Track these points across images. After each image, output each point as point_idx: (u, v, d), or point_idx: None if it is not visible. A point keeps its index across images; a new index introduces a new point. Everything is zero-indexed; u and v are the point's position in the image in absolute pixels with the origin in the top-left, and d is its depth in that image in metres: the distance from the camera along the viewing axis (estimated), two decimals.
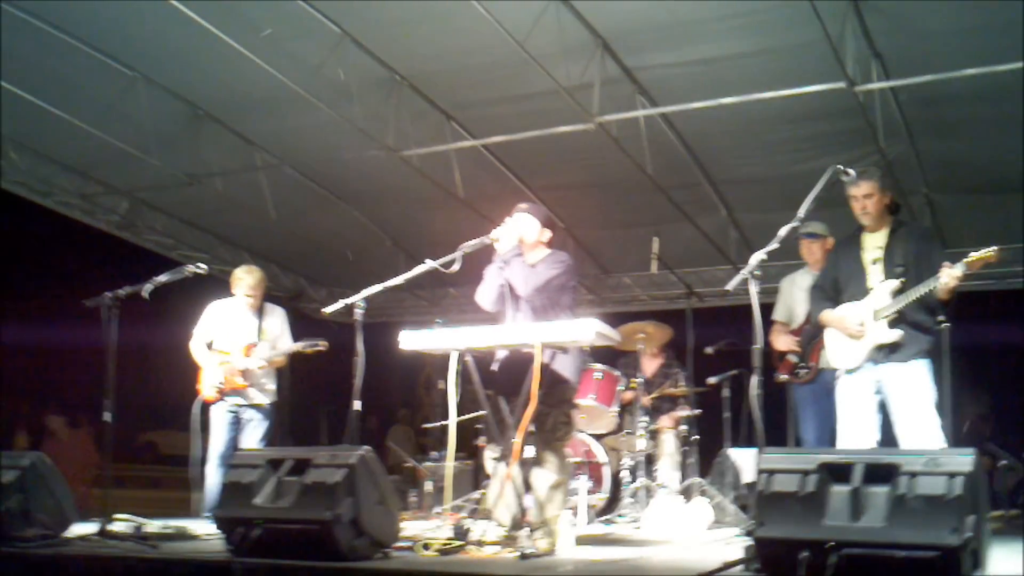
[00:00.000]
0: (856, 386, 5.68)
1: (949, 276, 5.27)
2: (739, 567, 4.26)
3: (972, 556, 3.68)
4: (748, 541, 4.14)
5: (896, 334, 5.51)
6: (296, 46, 7.37)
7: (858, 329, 5.61)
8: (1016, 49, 6.47)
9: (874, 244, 5.71)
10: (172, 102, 8.29)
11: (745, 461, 8.11)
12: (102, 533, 5.77)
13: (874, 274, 5.65)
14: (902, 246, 5.61)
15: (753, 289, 4.73)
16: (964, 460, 3.83)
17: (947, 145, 8.13)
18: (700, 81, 7.39)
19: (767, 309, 4.95)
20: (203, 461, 7.41)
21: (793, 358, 7.16)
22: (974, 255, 5.25)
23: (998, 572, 4.04)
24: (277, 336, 7.61)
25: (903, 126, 7.77)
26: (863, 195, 5.66)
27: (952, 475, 3.75)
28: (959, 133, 7.95)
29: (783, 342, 7.30)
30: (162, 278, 6.48)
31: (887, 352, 5.56)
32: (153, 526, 6.20)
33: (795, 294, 7.30)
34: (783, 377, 7.28)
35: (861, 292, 5.67)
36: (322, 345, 7.46)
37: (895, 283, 5.54)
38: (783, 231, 4.82)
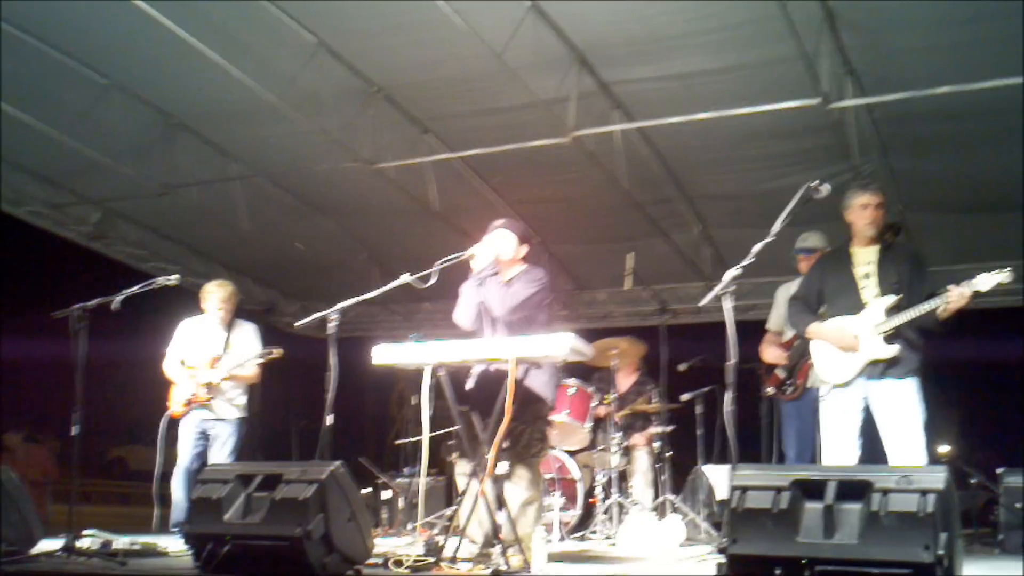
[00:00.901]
0: (844, 401, 5.66)
1: (959, 296, 5.26)
2: None
3: (945, 573, 3.67)
4: (721, 558, 4.12)
5: (894, 349, 5.49)
6: (271, 55, 7.32)
7: (850, 342, 5.59)
8: (991, 68, 6.52)
9: (864, 259, 5.70)
10: (145, 111, 8.20)
11: (718, 478, 8.11)
12: (69, 549, 5.69)
13: (866, 289, 5.63)
14: (894, 264, 5.61)
15: (727, 305, 4.73)
16: (936, 477, 3.83)
17: (921, 163, 8.15)
18: (676, 96, 7.39)
19: (741, 325, 4.95)
20: (162, 477, 7.37)
21: (781, 373, 7.16)
22: (986, 276, 5.23)
23: None
24: (245, 350, 7.55)
25: (877, 143, 7.80)
26: (876, 204, 5.66)
27: (924, 492, 3.76)
28: (933, 151, 7.97)
29: (771, 354, 7.30)
30: (133, 290, 6.43)
31: (882, 368, 5.54)
32: (121, 542, 6.13)
33: None
34: (770, 391, 7.28)
35: (852, 307, 5.65)
36: (276, 352, 7.43)
37: (892, 299, 5.52)
38: (756, 247, 4.82)
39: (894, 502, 3.77)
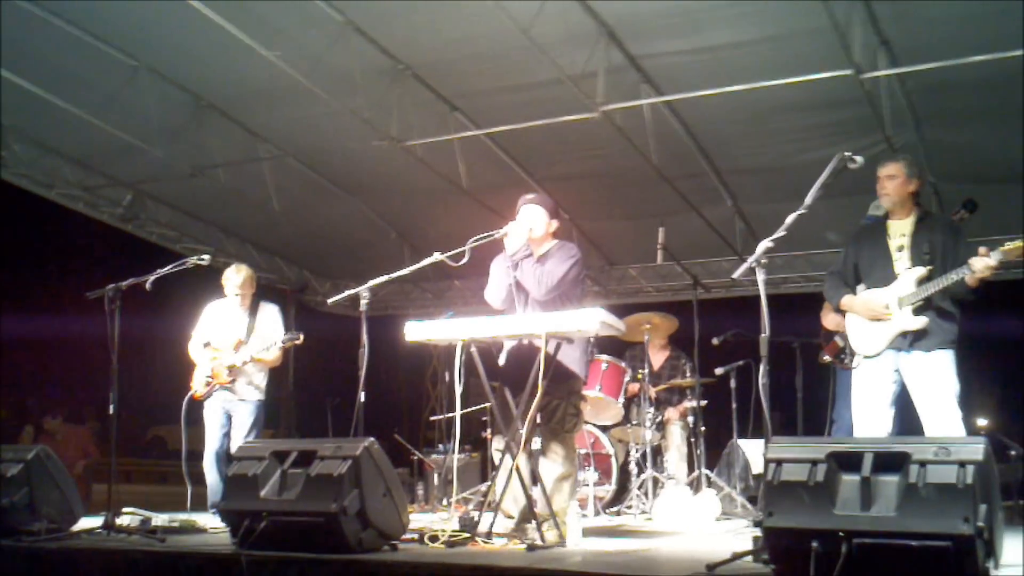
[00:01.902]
0: (875, 372, 5.63)
1: (984, 264, 5.21)
2: (748, 558, 4.23)
3: (986, 546, 3.63)
4: (757, 531, 4.11)
5: (922, 321, 5.45)
6: (299, 35, 7.32)
7: (884, 312, 5.56)
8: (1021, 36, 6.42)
9: (899, 232, 5.66)
10: (175, 93, 8.24)
11: (754, 452, 8.09)
12: (109, 527, 5.77)
13: (900, 261, 5.60)
14: (928, 235, 5.56)
15: (760, 277, 4.70)
16: (975, 448, 3.79)
17: (954, 134, 8.05)
18: (705, 69, 7.33)
19: (773, 299, 4.91)
20: (189, 456, 7.44)
21: (840, 342, 7.10)
22: (1011, 244, 5.17)
23: (1011, 562, 4.00)
24: (269, 332, 7.59)
25: (910, 114, 7.71)
26: (886, 176, 5.64)
27: (963, 464, 3.71)
28: (967, 122, 7.88)
29: (832, 320, 7.22)
30: (165, 270, 6.50)
31: (911, 340, 5.50)
32: (160, 519, 6.19)
33: None
34: (827, 359, 7.21)
35: (885, 279, 5.62)
36: (298, 339, 7.46)
37: (922, 270, 5.48)
38: (789, 219, 4.78)
39: (932, 474, 3.72)
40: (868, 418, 5.62)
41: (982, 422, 10.23)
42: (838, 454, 3.95)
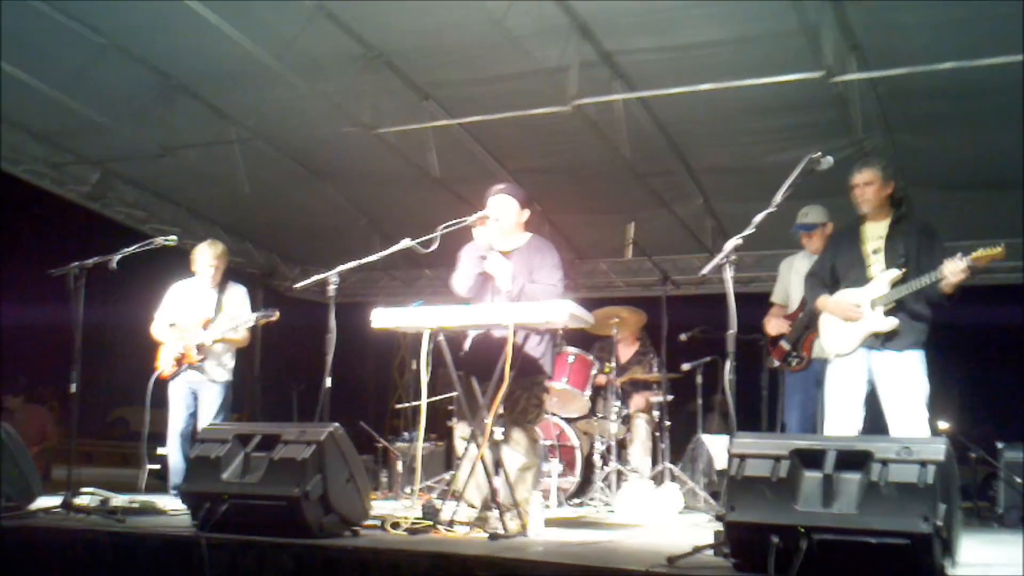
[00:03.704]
0: (847, 371, 5.69)
1: (953, 270, 5.26)
2: (709, 551, 4.26)
3: (943, 545, 3.68)
4: (718, 525, 4.13)
5: (892, 322, 5.52)
6: (270, 17, 7.26)
7: (856, 312, 5.61)
8: (995, 44, 6.47)
9: (875, 234, 5.71)
10: (143, 71, 8.12)
11: (718, 447, 8.13)
12: (67, 506, 5.72)
13: (875, 264, 5.66)
14: (903, 238, 5.61)
15: (728, 275, 4.71)
16: (937, 449, 3.83)
17: (924, 139, 8.12)
18: (678, 67, 7.34)
19: (742, 296, 4.94)
20: (151, 437, 7.38)
21: (786, 345, 7.16)
22: (981, 251, 5.22)
23: (968, 561, 4.05)
24: (236, 312, 7.54)
25: (881, 119, 7.76)
26: (864, 182, 5.68)
27: (924, 463, 3.75)
28: (936, 128, 7.94)
29: (774, 325, 7.30)
30: (131, 249, 6.44)
31: (883, 340, 5.56)
32: (120, 500, 6.14)
33: (792, 278, 7.30)
34: (775, 363, 7.28)
35: (861, 281, 5.68)
36: (274, 316, 7.43)
37: (896, 273, 5.53)
38: (758, 218, 4.80)
39: (894, 472, 3.76)
40: (838, 415, 5.67)
41: (944, 425, 10.35)
42: (801, 451, 3.99)
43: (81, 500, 5.91)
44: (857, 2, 6.51)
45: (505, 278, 5.70)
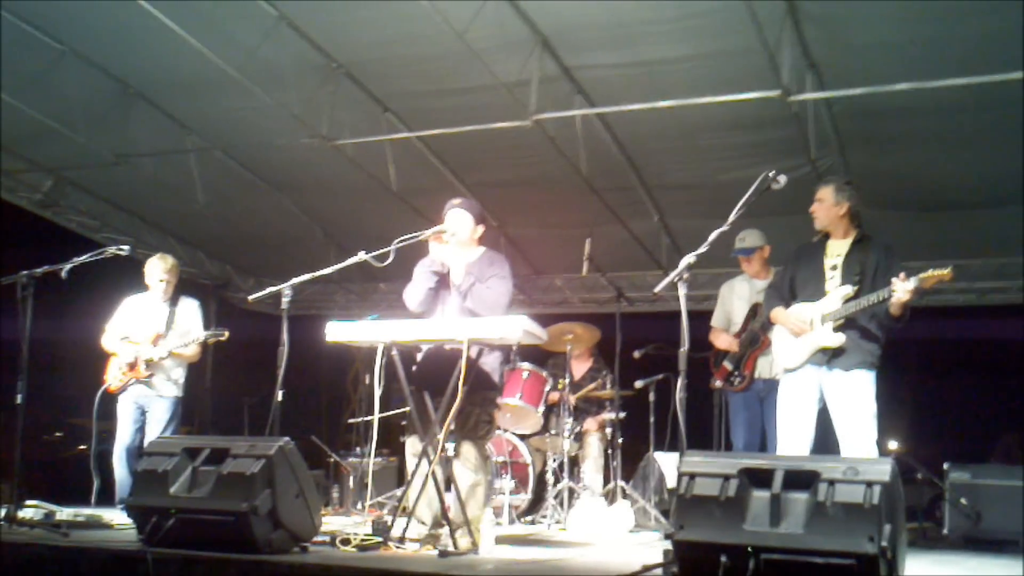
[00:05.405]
0: (798, 388, 5.74)
1: (902, 290, 5.31)
2: (658, 570, 4.26)
3: (888, 565, 3.71)
4: (668, 544, 4.14)
5: (839, 339, 5.57)
6: (232, 27, 7.22)
7: (802, 326, 5.65)
8: (951, 66, 6.56)
9: (835, 252, 5.80)
10: (101, 78, 8.04)
11: (670, 465, 8.15)
12: (11, 519, 5.62)
13: (831, 280, 5.72)
14: (862, 256, 5.68)
15: (682, 292, 4.75)
16: (882, 469, 3.87)
17: (878, 160, 8.19)
18: (638, 83, 7.38)
19: (695, 314, 4.97)
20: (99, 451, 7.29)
21: (729, 365, 7.21)
22: (930, 272, 5.28)
23: None
24: (188, 327, 7.48)
25: (836, 138, 7.84)
26: (816, 199, 5.81)
27: (870, 484, 3.79)
28: (891, 149, 8.02)
29: (723, 340, 7.34)
30: (82, 259, 6.35)
31: (830, 356, 5.61)
32: (64, 513, 6.05)
33: (733, 301, 7.37)
34: (718, 383, 7.33)
35: (817, 295, 5.75)
36: (224, 335, 7.38)
37: (848, 289, 5.60)
38: (712, 235, 4.84)
39: (840, 493, 3.80)
40: (788, 433, 5.72)
41: (893, 445, 10.45)
42: (750, 470, 4.01)
43: (25, 513, 5.81)
44: (815, 22, 6.58)
45: (457, 270, 5.70)
